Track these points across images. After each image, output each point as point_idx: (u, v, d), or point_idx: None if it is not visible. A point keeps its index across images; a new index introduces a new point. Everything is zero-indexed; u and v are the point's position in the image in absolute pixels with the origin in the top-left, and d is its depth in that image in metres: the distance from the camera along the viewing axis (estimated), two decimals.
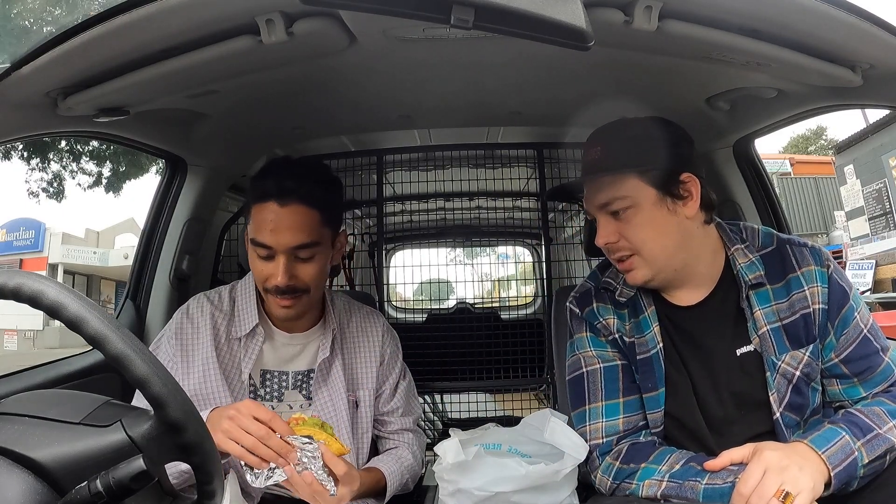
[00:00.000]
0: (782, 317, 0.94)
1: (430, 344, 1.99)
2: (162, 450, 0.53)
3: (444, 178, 1.98)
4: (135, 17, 0.75)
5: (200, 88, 1.06)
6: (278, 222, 1.00)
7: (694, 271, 0.97)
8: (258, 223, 1.02)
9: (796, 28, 0.83)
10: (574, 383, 1.03)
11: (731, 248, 0.98)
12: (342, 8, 0.79)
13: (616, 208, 0.94)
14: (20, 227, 17.02)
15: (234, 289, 1.14)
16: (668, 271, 0.95)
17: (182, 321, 1.08)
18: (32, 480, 0.51)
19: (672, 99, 1.26)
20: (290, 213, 1.01)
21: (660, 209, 0.93)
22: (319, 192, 1.04)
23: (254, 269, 1.06)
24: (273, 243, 1.00)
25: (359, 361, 1.16)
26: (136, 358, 0.51)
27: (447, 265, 2.92)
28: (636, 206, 0.93)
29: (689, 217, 0.94)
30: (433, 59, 1.06)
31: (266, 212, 1.01)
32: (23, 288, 0.50)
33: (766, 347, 0.94)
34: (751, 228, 1.02)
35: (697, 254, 0.97)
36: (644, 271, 0.95)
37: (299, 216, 1.01)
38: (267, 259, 1.02)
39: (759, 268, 0.96)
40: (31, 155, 9.66)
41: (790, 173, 13.84)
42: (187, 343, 1.06)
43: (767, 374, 0.93)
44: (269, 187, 1.01)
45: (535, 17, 0.60)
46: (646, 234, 0.93)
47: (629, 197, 0.92)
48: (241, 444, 0.85)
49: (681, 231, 0.94)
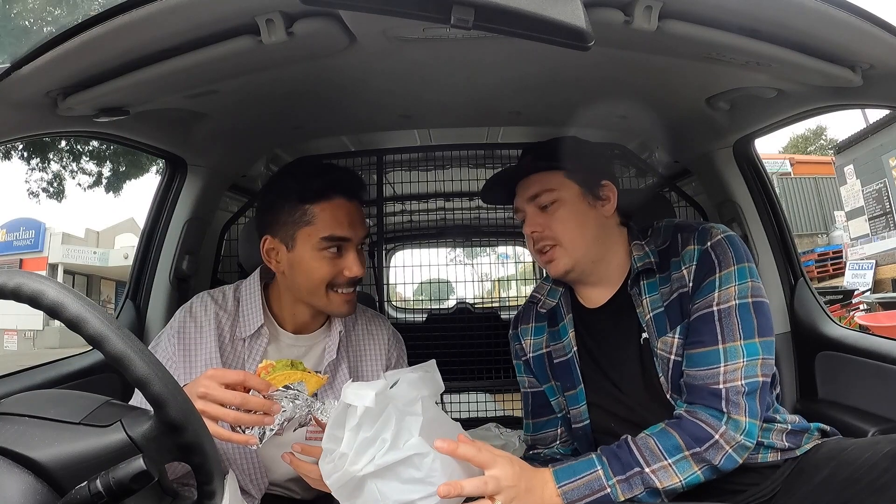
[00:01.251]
0: (664, 301, 0.99)
1: (430, 344, 1.99)
2: (162, 450, 0.53)
3: (444, 178, 1.99)
4: (135, 17, 0.75)
5: (200, 88, 1.06)
6: (353, 215, 1.05)
7: (607, 268, 1.06)
8: (332, 219, 1.03)
9: (796, 28, 0.83)
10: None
11: (632, 244, 1.07)
12: (342, 8, 0.79)
13: (544, 202, 1.04)
14: (20, 227, 17.04)
15: (238, 289, 1.13)
16: (585, 262, 1.04)
17: (185, 320, 1.07)
18: (32, 480, 0.51)
19: (672, 99, 1.26)
20: (356, 207, 1.07)
21: (581, 204, 1.04)
22: (364, 189, 1.11)
23: (319, 270, 1.04)
24: (352, 235, 1.04)
25: (365, 365, 1.15)
26: (136, 358, 0.51)
27: (447, 265, 2.92)
28: (561, 200, 1.03)
29: (606, 216, 1.06)
30: (433, 59, 1.06)
31: (339, 208, 1.04)
32: (23, 288, 0.50)
33: (650, 333, 1.00)
34: (660, 228, 1.07)
35: (611, 249, 1.06)
36: (564, 261, 1.03)
37: (361, 210, 1.09)
38: (337, 255, 1.04)
39: (650, 257, 1.03)
40: (31, 155, 9.66)
41: (790, 173, 13.84)
42: (190, 343, 1.05)
43: (654, 358, 0.99)
44: (333, 184, 1.04)
45: (535, 17, 0.60)
46: (568, 226, 1.03)
47: (556, 191, 1.03)
48: (226, 421, 0.82)
49: (598, 225, 1.05)
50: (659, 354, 0.98)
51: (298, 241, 1.04)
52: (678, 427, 0.89)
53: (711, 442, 0.87)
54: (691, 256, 0.98)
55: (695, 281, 0.96)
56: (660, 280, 1.02)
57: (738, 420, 0.88)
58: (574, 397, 1.07)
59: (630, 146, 1.78)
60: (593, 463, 0.86)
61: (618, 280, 1.07)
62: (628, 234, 1.09)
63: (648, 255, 1.03)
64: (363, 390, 0.76)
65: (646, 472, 0.85)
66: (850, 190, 11.53)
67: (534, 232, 1.04)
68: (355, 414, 0.76)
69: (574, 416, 1.08)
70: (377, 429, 0.76)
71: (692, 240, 0.99)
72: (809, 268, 9.92)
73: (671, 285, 1.00)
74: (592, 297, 1.09)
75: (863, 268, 9.24)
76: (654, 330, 1.00)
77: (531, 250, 1.09)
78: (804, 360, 1.40)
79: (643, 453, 0.86)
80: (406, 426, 0.77)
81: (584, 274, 1.06)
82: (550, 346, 1.13)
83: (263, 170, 1.79)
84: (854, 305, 7.18)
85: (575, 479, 0.85)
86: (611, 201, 1.06)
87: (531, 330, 1.16)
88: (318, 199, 1.03)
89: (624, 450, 0.88)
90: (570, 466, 0.86)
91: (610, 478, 0.85)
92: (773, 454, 0.98)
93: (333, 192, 1.04)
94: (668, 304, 0.99)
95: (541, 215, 1.04)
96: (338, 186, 1.04)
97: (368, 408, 0.75)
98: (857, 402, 1.24)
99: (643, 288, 1.03)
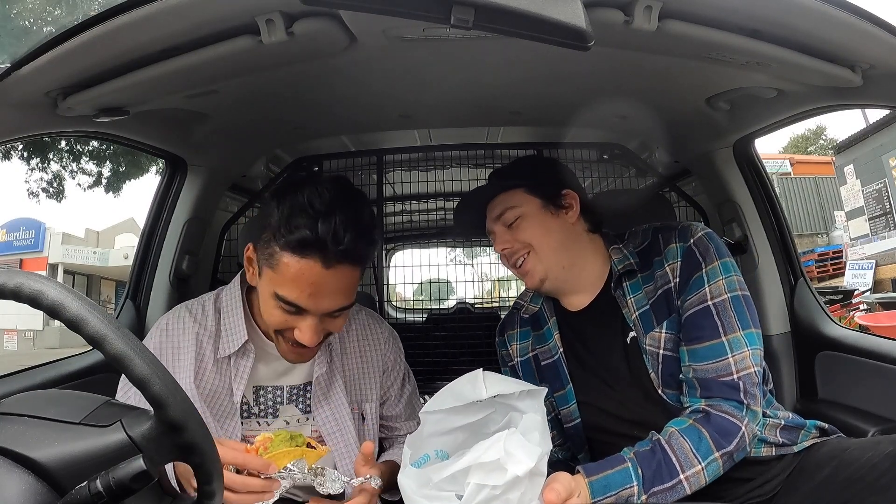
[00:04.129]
0: (649, 299, 1.02)
1: (430, 344, 1.99)
2: (162, 450, 0.53)
3: (444, 178, 1.98)
4: (135, 17, 0.75)
5: (200, 88, 1.06)
6: (320, 286, 0.86)
7: (582, 273, 1.09)
8: (288, 278, 0.85)
9: (796, 28, 0.83)
10: None
11: (609, 248, 1.09)
12: (342, 8, 0.79)
13: (509, 219, 1.08)
14: (20, 227, 17.04)
15: (219, 298, 1.04)
16: (557, 269, 1.07)
17: (161, 341, 0.98)
18: (32, 480, 0.51)
19: (672, 99, 1.26)
20: (335, 276, 0.86)
21: (544, 214, 1.08)
22: (371, 246, 0.90)
23: (271, 316, 0.91)
24: (309, 307, 0.87)
25: (360, 373, 1.12)
26: (136, 358, 0.51)
27: (447, 265, 2.91)
28: (524, 214, 1.07)
29: (571, 223, 1.09)
30: (433, 59, 1.06)
31: (304, 271, 0.85)
32: (23, 288, 0.50)
33: (638, 331, 1.02)
34: (636, 231, 1.10)
35: (583, 255, 1.09)
36: (538, 269, 1.06)
37: (346, 279, 0.88)
38: (293, 313, 0.89)
39: (630, 258, 1.06)
40: (31, 155, 9.66)
41: (790, 173, 13.84)
42: (167, 364, 0.96)
43: (644, 355, 1.01)
44: (313, 242, 0.84)
45: (535, 17, 0.60)
46: (535, 233, 1.06)
47: (518, 207, 1.07)
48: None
49: (564, 232, 1.08)
50: (648, 350, 1.01)
51: (263, 276, 0.91)
52: (707, 423, 0.90)
53: (739, 435, 0.89)
54: (675, 254, 1.01)
55: (681, 277, 0.99)
56: (642, 279, 1.05)
57: (755, 411, 0.92)
58: (563, 397, 1.10)
59: (630, 146, 1.78)
60: (629, 476, 0.86)
61: (598, 285, 1.09)
62: (604, 240, 1.12)
63: (628, 257, 1.06)
64: (520, 453, 0.76)
65: (681, 481, 0.86)
66: (850, 190, 11.52)
67: (504, 248, 1.09)
68: (504, 476, 0.75)
69: (565, 415, 1.10)
70: (505, 489, 0.76)
71: (673, 238, 1.02)
72: (809, 268, 9.92)
73: (655, 283, 1.03)
74: (574, 301, 1.12)
75: (863, 268, 9.24)
76: (642, 327, 1.02)
77: (507, 266, 1.13)
78: (804, 360, 1.40)
79: (678, 457, 0.87)
80: (531, 486, 0.77)
81: (559, 282, 1.08)
82: (537, 349, 1.15)
83: (263, 170, 1.79)
84: (854, 305, 7.18)
85: (608, 495, 0.84)
86: (573, 208, 1.09)
87: (517, 335, 1.20)
88: (289, 248, 0.85)
89: (659, 456, 0.87)
90: (606, 478, 0.86)
91: (641, 494, 0.85)
92: (766, 448, 0.99)
93: (310, 250, 0.84)
94: (654, 301, 1.02)
95: (507, 232, 1.08)
96: (320, 245, 0.84)
97: (518, 476, 0.75)
98: (857, 402, 1.24)
99: (626, 289, 1.06)
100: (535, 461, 0.76)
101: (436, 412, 0.88)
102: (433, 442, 0.90)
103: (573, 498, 0.81)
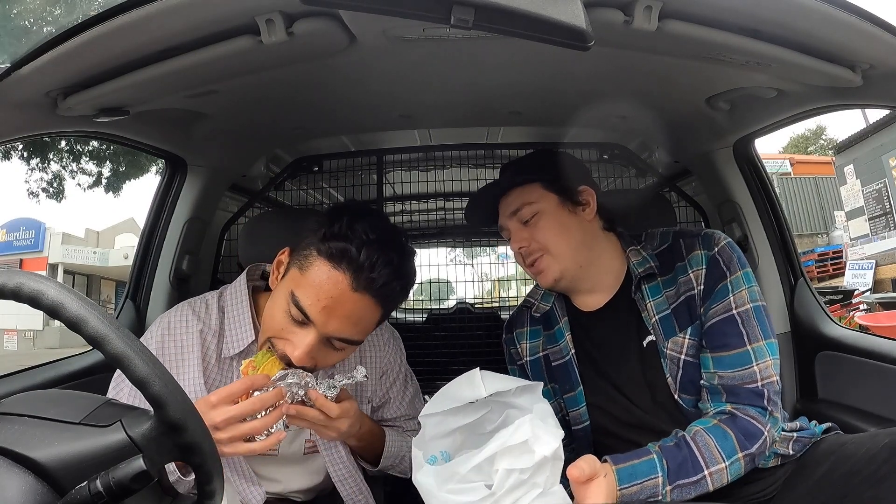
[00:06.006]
0: (671, 304, 1.01)
1: (430, 344, 1.99)
2: (162, 450, 0.53)
3: (444, 178, 1.98)
4: (135, 17, 0.75)
5: (200, 88, 1.06)
6: (338, 304, 0.85)
7: (598, 273, 1.07)
8: (313, 282, 0.85)
9: (796, 28, 0.83)
10: None
11: (627, 249, 1.08)
12: (342, 8, 0.79)
13: (525, 216, 1.05)
14: (20, 227, 17.04)
15: (223, 297, 1.02)
16: (573, 269, 1.05)
17: (164, 339, 0.96)
18: (32, 480, 0.51)
19: (672, 99, 1.26)
20: (356, 301, 0.85)
21: (562, 211, 1.05)
22: (401, 292, 0.91)
23: (271, 317, 0.89)
24: (318, 321, 0.85)
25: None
26: (136, 358, 0.51)
27: (447, 265, 2.91)
28: (541, 211, 1.05)
29: (588, 220, 1.07)
30: (433, 59, 1.06)
31: (330, 281, 0.84)
32: (23, 288, 0.50)
33: (657, 335, 1.01)
34: (653, 233, 1.09)
35: (599, 254, 1.07)
36: (554, 269, 1.04)
37: (364, 310, 0.87)
38: (299, 324, 0.87)
39: (650, 261, 1.05)
40: (31, 155, 9.66)
41: (790, 173, 13.84)
42: (172, 364, 0.95)
43: (662, 360, 1.00)
44: (352, 258, 0.84)
45: (535, 17, 0.60)
46: (552, 233, 1.04)
47: (535, 203, 1.05)
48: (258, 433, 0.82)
49: (582, 230, 1.06)
50: (668, 355, 1.00)
51: (287, 276, 0.90)
52: (732, 423, 0.91)
53: (762, 439, 0.90)
54: (699, 261, 1.00)
55: (706, 284, 0.98)
56: (663, 283, 1.04)
57: (776, 418, 0.93)
58: (573, 399, 1.08)
59: (630, 146, 1.78)
60: (654, 467, 0.86)
61: (613, 285, 1.08)
62: (620, 240, 1.10)
63: (648, 260, 1.05)
64: (545, 434, 0.77)
65: (705, 476, 0.86)
66: (850, 190, 11.53)
67: (521, 247, 1.06)
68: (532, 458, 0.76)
69: (573, 417, 1.08)
70: (533, 471, 0.77)
71: (697, 245, 1.01)
72: (809, 268, 9.92)
73: (677, 288, 1.02)
74: (588, 301, 1.10)
75: (863, 268, 9.24)
76: (662, 332, 1.01)
77: (521, 264, 1.11)
78: (804, 360, 1.40)
79: (703, 454, 0.88)
80: (554, 470, 0.79)
81: (574, 281, 1.07)
82: (548, 349, 1.13)
83: (263, 170, 1.79)
84: (854, 305, 7.18)
85: (634, 483, 0.85)
86: (591, 205, 1.07)
87: (527, 334, 1.17)
88: (326, 255, 0.85)
89: (684, 451, 0.88)
90: (632, 467, 0.87)
91: (666, 485, 0.86)
92: (774, 460, 0.99)
93: (345, 265, 0.84)
94: (676, 307, 1.01)
95: (524, 229, 1.06)
96: (356, 265, 0.84)
97: (546, 457, 0.76)
98: (857, 402, 1.24)
99: (646, 292, 1.04)
100: (558, 442, 0.77)
101: (434, 415, 0.89)
102: (436, 444, 0.90)
103: (599, 477, 0.82)
